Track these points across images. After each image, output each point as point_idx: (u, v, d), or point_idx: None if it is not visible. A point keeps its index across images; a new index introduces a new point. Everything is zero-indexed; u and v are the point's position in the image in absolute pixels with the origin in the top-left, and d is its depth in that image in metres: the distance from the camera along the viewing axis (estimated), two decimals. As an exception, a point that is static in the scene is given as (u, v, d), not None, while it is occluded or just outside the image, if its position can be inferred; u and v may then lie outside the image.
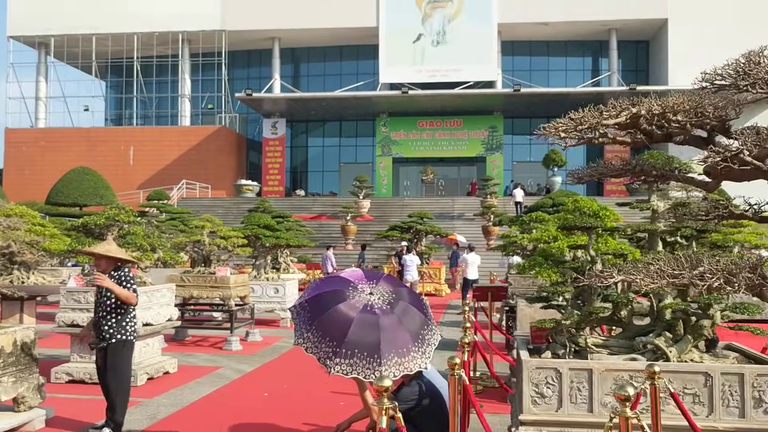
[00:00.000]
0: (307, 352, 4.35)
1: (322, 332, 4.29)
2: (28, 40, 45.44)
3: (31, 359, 6.47)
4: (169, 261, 8.98)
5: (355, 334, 4.21)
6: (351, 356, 4.16)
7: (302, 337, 4.41)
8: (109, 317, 6.33)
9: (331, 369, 4.20)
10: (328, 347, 4.23)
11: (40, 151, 43.45)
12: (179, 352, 10.87)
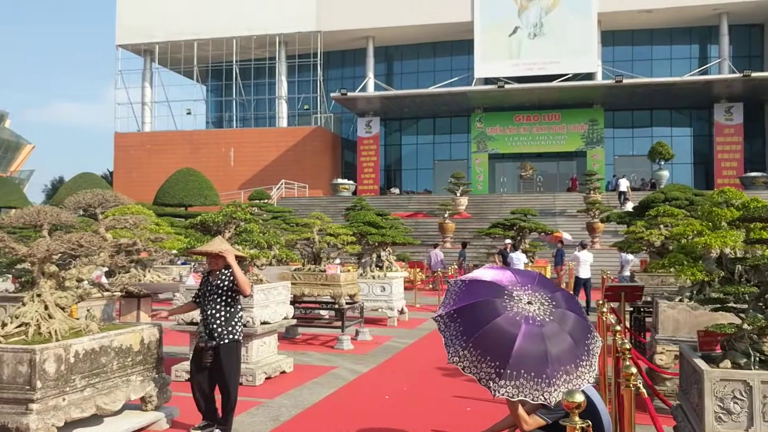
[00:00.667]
0: (465, 371, 3.95)
1: (482, 350, 3.87)
2: (134, 48, 47.42)
3: (157, 358, 6.40)
4: (285, 258, 8.87)
5: (519, 353, 3.77)
6: (516, 377, 3.72)
7: (458, 355, 4.00)
8: (219, 315, 6.17)
9: (495, 392, 3.78)
10: (489, 368, 3.81)
11: (146, 154, 45.23)
12: (291, 350, 10.75)
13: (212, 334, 6.12)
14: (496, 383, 3.79)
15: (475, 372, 3.90)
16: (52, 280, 5.82)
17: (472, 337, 3.98)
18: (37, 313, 5.53)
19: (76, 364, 5.38)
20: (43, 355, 5.08)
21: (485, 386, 3.84)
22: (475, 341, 3.97)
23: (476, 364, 3.91)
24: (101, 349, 5.67)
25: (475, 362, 3.92)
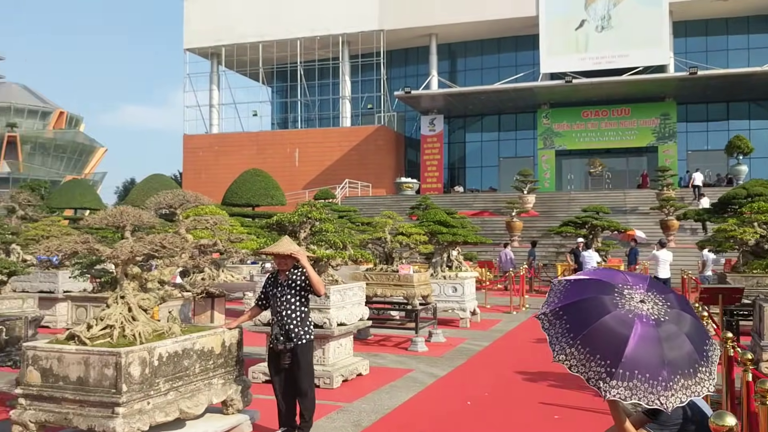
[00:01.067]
0: (572, 371, 3.65)
1: (591, 348, 3.57)
2: (202, 51, 48.36)
3: (238, 360, 6.29)
4: (359, 259, 8.71)
5: (633, 352, 3.45)
6: (630, 378, 3.41)
7: (564, 353, 3.70)
8: (295, 315, 6.03)
9: (606, 393, 3.47)
10: (600, 367, 3.50)
11: (214, 156, 46.05)
12: (365, 352, 10.58)
13: (289, 335, 5.99)
14: (607, 383, 3.48)
15: (583, 371, 3.60)
16: (134, 281, 5.78)
17: (581, 334, 3.68)
18: (121, 315, 5.48)
19: (160, 368, 5.31)
20: (129, 358, 5.01)
21: (594, 386, 3.53)
22: (584, 339, 3.66)
23: (584, 363, 3.61)
24: (184, 352, 5.59)
25: (583, 360, 3.62)
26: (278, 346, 5.98)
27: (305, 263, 6.00)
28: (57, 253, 5.38)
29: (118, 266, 5.66)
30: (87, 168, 77.12)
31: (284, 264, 6.09)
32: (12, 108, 71.75)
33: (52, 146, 73.05)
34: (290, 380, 6.09)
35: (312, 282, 5.98)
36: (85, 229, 14.16)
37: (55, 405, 5.13)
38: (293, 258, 6.06)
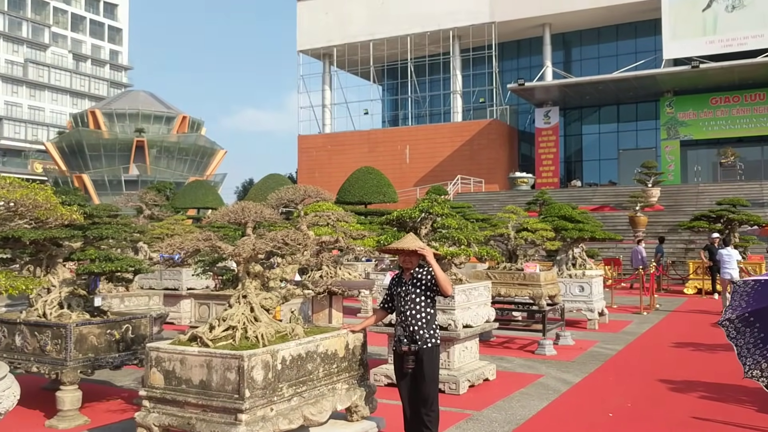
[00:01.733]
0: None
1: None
2: (314, 52, 49.15)
3: (362, 364, 5.93)
4: (484, 256, 8.18)
5: None
6: None
7: (759, 368, 3.06)
8: (420, 317, 5.59)
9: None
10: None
11: (327, 155, 46.66)
12: (489, 354, 10.04)
13: (413, 337, 5.56)
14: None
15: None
16: (257, 280, 5.53)
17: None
18: (243, 315, 5.24)
19: (283, 372, 5.01)
20: (251, 362, 4.74)
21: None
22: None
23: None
24: (307, 355, 5.27)
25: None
26: (402, 347, 5.56)
27: (432, 261, 5.54)
28: (179, 250, 5.19)
29: (240, 264, 5.43)
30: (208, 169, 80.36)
31: (409, 262, 5.66)
32: (140, 114, 75.81)
33: (176, 149, 76.59)
34: (414, 386, 5.66)
35: (439, 281, 5.53)
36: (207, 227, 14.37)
37: (178, 409, 4.95)
38: (419, 255, 5.63)
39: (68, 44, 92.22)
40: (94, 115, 74.04)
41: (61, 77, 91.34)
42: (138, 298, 10.82)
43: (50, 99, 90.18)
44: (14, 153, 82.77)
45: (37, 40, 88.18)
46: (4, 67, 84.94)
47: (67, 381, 6.38)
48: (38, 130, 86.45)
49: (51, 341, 6.57)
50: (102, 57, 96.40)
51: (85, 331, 6.62)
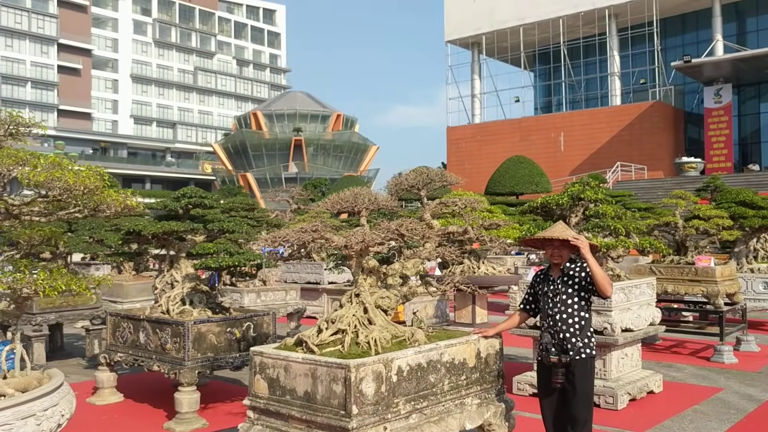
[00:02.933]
0: None
1: None
2: (462, 42, 48.23)
3: (498, 375, 5.08)
4: (646, 249, 7.00)
5: None
6: None
7: None
8: (572, 322, 4.66)
9: None
10: None
11: (477, 145, 45.60)
12: (653, 360, 8.76)
13: (564, 346, 4.63)
14: None
15: None
16: (372, 276, 4.84)
17: None
18: (354, 317, 4.57)
19: (399, 384, 4.29)
20: (359, 373, 4.05)
21: None
22: None
23: None
24: (429, 365, 4.51)
25: None
26: (549, 358, 4.63)
27: (587, 254, 4.56)
28: (283, 243, 4.62)
29: (352, 258, 4.77)
30: (362, 165, 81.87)
31: (558, 255, 4.73)
32: (297, 114, 78.68)
33: (331, 147, 78.70)
34: (562, 404, 4.73)
35: (597, 279, 4.55)
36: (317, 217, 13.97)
37: (282, 422, 4.37)
38: (571, 247, 4.67)
39: (232, 51, 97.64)
40: (255, 116, 77.77)
41: (226, 82, 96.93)
42: (275, 292, 10.61)
43: (217, 103, 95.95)
44: (187, 155, 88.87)
45: (204, 49, 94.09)
46: (177, 75, 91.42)
47: (184, 382, 6.07)
48: (207, 133, 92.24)
49: (171, 339, 6.30)
50: (263, 61, 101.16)
51: (203, 330, 6.29)
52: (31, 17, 77.82)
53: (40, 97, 77.95)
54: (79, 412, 6.66)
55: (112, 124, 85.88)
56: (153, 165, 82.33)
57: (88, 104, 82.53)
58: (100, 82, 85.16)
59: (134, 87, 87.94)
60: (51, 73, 78.94)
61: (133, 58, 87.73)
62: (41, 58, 78.46)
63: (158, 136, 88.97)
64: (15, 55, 76.37)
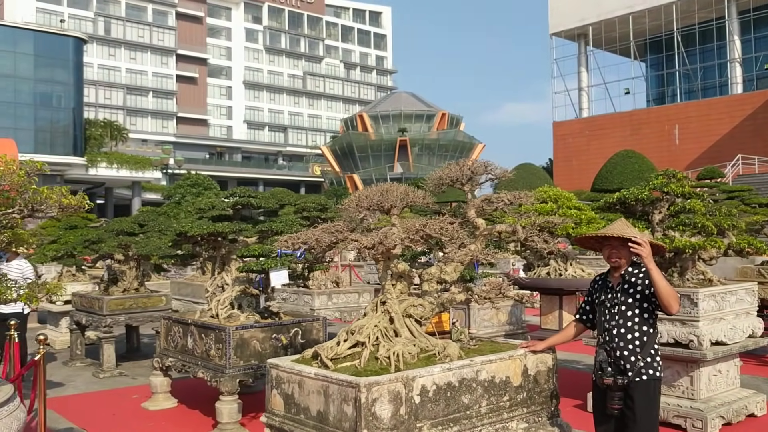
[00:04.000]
0: None
1: None
2: (567, 33, 46.42)
3: (550, 396, 4.45)
4: (746, 249, 6.06)
5: None
6: None
7: None
8: (631, 337, 3.96)
9: None
10: None
11: (584, 141, 43.73)
12: (756, 375, 7.72)
13: (622, 365, 3.93)
14: None
15: None
16: (402, 282, 4.35)
17: None
18: (376, 328, 4.09)
19: (423, 406, 3.77)
20: (372, 393, 3.57)
21: None
22: None
23: None
24: (462, 384, 3.97)
25: None
26: (603, 379, 3.95)
27: (648, 262, 3.85)
28: (302, 245, 4.21)
29: (379, 261, 4.30)
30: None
31: (616, 257, 4.05)
32: (402, 114, 78.81)
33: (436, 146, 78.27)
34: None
35: (658, 292, 3.83)
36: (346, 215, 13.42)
37: (296, 445, 3.96)
38: (630, 249, 3.98)
39: (339, 54, 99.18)
40: (361, 118, 78.55)
41: (334, 86, 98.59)
42: (347, 294, 10.26)
43: (326, 107, 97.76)
44: (297, 158, 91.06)
45: (313, 54, 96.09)
46: (288, 81, 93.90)
47: (225, 390, 5.80)
48: (317, 136, 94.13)
49: (214, 345, 6.06)
50: (369, 63, 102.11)
51: (246, 336, 5.99)
52: (152, 30, 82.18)
53: (161, 106, 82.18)
54: (130, 417, 6.59)
55: (227, 130, 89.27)
56: (266, 168, 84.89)
57: (204, 111, 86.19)
58: (215, 89, 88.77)
59: (247, 93, 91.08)
60: (170, 82, 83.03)
61: (246, 65, 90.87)
62: (161, 68, 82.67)
63: (270, 140, 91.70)
64: (138, 67, 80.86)
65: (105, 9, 78.27)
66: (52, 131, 55.59)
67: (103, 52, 78.34)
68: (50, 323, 11.28)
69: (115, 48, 79.63)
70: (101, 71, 77.24)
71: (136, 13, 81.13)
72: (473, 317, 7.58)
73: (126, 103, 78.51)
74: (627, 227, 4.05)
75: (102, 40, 77.78)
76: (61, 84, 56.28)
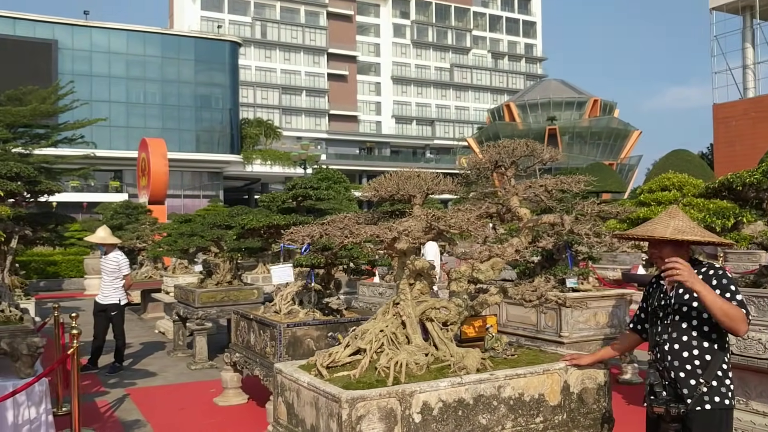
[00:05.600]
0: None
1: None
2: (729, 7, 42.35)
3: (601, 419, 3.74)
4: None
5: None
6: None
7: None
8: (688, 355, 3.16)
9: None
10: None
11: (750, 123, 39.71)
12: None
13: (679, 389, 3.16)
14: None
15: None
16: (421, 281, 3.82)
17: None
18: (382, 333, 3.60)
19: (425, 426, 3.24)
20: (356, 410, 3.10)
21: None
22: None
23: None
24: (478, 402, 3.39)
25: None
26: (654, 407, 3.20)
27: (691, 283, 3.02)
28: (306, 239, 3.81)
29: (394, 257, 3.80)
30: (622, 152, 76.72)
31: (655, 257, 3.30)
32: (551, 102, 76.20)
33: (588, 134, 74.92)
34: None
35: (716, 316, 3.03)
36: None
37: (293, 461, 3.58)
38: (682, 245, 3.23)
39: (487, 44, 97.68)
40: (509, 108, 76.90)
41: (482, 77, 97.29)
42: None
43: (473, 98, 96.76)
44: (445, 151, 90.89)
45: (460, 45, 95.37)
46: (435, 74, 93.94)
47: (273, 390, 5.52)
48: (463, 128, 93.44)
49: (269, 342, 5.82)
50: (518, 52, 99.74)
51: (299, 333, 5.70)
52: (305, 31, 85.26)
53: (313, 104, 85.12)
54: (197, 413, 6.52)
55: (376, 125, 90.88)
56: (414, 162, 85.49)
57: (354, 108, 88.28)
58: (364, 86, 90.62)
59: (395, 88, 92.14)
60: (322, 81, 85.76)
61: (393, 61, 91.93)
62: (313, 68, 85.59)
63: (418, 134, 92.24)
64: (292, 68, 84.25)
65: (261, 13, 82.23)
66: (212, 131, 59.24)
67: (260, 55, 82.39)
68: (166, 313, 11.73)
69: (270, 50, 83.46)
70: (258, 73, 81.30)
71: (289, 16, 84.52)
72: (565, 319, 6.80)
73: (281, 103, 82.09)
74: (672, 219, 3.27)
75: (259, 43, 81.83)
76: (219, 86, 59.81)
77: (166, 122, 56.94)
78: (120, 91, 55.99)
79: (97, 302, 8.59)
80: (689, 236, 3.24)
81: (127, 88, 56.41)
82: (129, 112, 56.32)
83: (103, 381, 7.95)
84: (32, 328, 4.92)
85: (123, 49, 56.25)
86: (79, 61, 54.28)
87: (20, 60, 49.99)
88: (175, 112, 57.99)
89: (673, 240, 3.18)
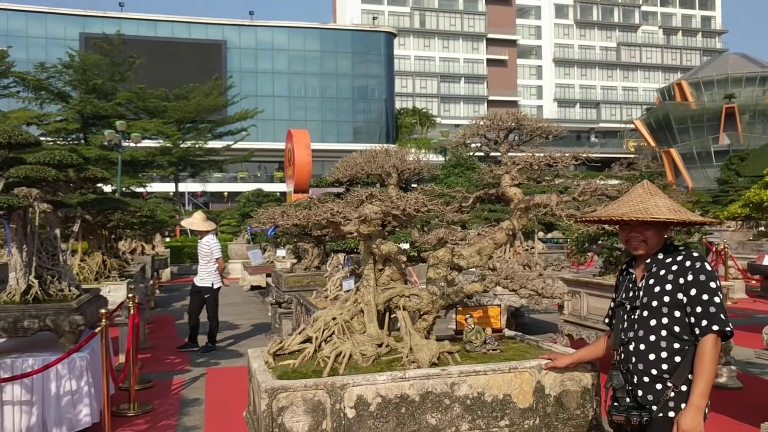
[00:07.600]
0: None
1: None
2: None
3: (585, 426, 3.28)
4: None
5: None
6: None
7: None
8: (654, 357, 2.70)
9: None
10: None
11: None
12: None
13: (641, 396, 2.67)
14: None
15: None
16: (391, 266, 3.56)
17: None
18: (334, 321, 3.39)
19: (361, 422, 3.01)
20: (277, 401, 2.94)
21: None
22: None
23: None
24: (426, 399, 3.09)
25: None
26: (614, 415, 2.73)
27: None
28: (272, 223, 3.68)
29: (362, 241, 3.57)
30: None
31: (637, 240, 2.79)
32: (729, 79, 69.92)
33: (773, 112, 68.07)
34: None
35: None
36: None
37: (243, 448, 3.48)
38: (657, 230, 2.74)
39: (658, 20, 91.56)
40: (680, 86, 71.65)
41: (652, 54, 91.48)
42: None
43: (642, 78, 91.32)
44: (611, 134, 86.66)
45: (627, 23, 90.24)
46: (600, 54, 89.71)
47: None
48: (631, 110, 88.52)
49: (309, 328, 5.76)
50: (693, 26, 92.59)
51: (334, 320, 5.58)
52: (463, 18, 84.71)
53: (472, 91, 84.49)
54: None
55: (537, 109, 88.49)
56: (577, 146, 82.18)
57: (514, 92, 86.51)
58: (524, 69, 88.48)
59: (557, 71, 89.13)
60: (480, 67, 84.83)
61: (555, 42, 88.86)
62: (472, 54, 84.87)
63: (581, 117, 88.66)
64: (450, 55, 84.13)
65: (420, 2, 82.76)
66: (368, 122, 60.67)
67: (418, 44, 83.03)
68: (274, 297, 12.15)
69: (429, 39, 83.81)
70: (417, 62, 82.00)
71: (447, 3, 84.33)
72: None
73: (440, 91, 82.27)
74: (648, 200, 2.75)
75: (417, 33, 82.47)
76: (375, 77, 61.05)
77: (326, 114, 59.09)
78: (282, 85, 58.87)
79: (194, 284, 9.03)
80: (686, 216, 2.72)
81: (289, 83, 59.20)
82: (291, 106, 59.10)
83: (192, 359, 8.32)
84: (75, 306, 5.21)
85: (285, 45, 59.08)
86: (246, 58, 57.77)
87: (194, 61, 54.11)
88: (333, 105, 60.01)
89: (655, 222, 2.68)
